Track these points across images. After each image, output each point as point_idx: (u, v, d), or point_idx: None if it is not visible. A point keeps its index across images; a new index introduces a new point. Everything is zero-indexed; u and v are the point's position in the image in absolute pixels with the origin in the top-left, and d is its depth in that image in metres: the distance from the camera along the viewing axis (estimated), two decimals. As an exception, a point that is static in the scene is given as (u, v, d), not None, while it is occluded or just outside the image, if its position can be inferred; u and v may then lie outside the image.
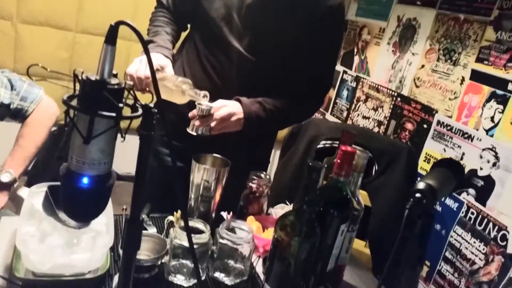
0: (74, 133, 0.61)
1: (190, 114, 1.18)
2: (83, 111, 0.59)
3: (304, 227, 0.86)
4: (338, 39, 1.49)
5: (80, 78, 0.60)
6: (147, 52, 0.61)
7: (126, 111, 0.64)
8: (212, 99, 1.19)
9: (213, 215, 1.18)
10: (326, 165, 1.11)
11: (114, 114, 0.58)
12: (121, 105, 0.59)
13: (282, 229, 0.87)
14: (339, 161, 0.91)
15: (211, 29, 1.30)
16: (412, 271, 2.07)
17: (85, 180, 0.62)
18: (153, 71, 0.61)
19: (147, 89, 1.19)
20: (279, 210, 1.29)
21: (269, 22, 1.26)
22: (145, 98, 0.65)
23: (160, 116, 0.63)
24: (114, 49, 0.60)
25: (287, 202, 1.35)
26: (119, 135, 0.63)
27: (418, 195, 0.85)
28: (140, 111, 0.63)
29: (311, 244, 0.87)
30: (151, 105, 0.64)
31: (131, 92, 0.62)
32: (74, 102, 0.61)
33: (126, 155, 0.97)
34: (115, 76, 0.62)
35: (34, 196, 1.04)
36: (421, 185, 0.87)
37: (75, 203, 0.64)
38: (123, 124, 0.62)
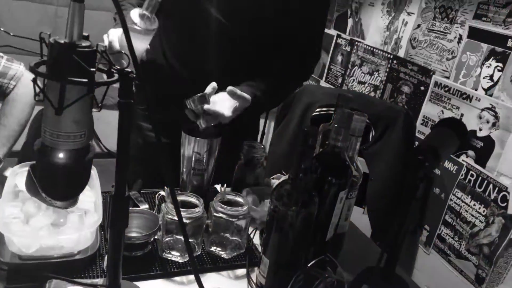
0: (46, 103, 0.56)
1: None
2: (52, 78, 0.54)
3: (301, 196, 0.82)
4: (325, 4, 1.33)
5: (47, 42, 0.54)
6: (118, 7, 0.54)
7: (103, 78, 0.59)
8: (195, 70, 1.12)
9: (207, 188, 1.14)
10: (322, 132, 1.06)
11: (86, 80, 0.53)
12: (93, 69, 0.54)
13: (278, 199, 0.82)
14: (336, 125, 0.86)
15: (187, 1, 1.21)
16: (412, 236, 2.06)
17: (60, 155, 0.57)
18: (126, 31, 0.55)
19: (122, 51, 1.09)
20: (276, 181, 1.25)
21: None
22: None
23: (140, 82, 0.58)
24: (82, 7, 0.54)
25: (284, 172, 1.30)
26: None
27: (419, 157, 0.80)
28: (116, 76, 0.57)
29: (309, 213, 0.83)
30: (129, 69, 0.58)
31: (105, 55, 0.56)
32: (43, 69, 0.55)
33: (116, 130, 0.92)
34: (86, 38, 0.56)
35: (17, 176, 0.99)
36: (422, 146, 0.82)
37: (52, 181, 0.59)
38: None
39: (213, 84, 1.10)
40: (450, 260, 1.89)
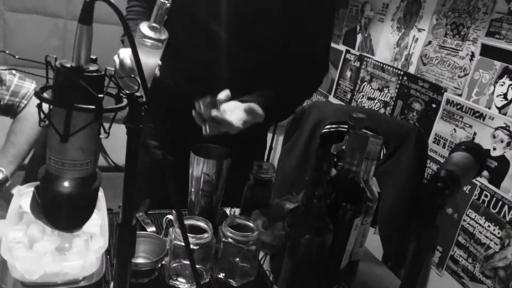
0: (50, 130, 0.53)
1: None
2: (57, 104, 0.51)
3: (315, 223, 0.78)
4: (330, 8, 1.29)
5: (53, 65, 0.52)
6: (126, 28, 0.52)
7: (111, 102, 0.56)
8: (201, 86, 1.08)
9: (216, 209, 1.10)
10: (335, 152, 1.03)
11: (93, 107, 0.50)
12: (101, 95, 0.51)
13: (291, 226, 0.79)
14: (350, 148, 0.83)
15: (190, 17, 1.18)
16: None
17: (65, 184, 0.54)
18: (136, 52, 0.52)
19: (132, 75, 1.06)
20: (286, 202, 1.21)
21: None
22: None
23: (149, 107, 0.55)
24: (90, 30, 0.51)
25: (294, 193, 1.27)
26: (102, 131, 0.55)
27: (439, 184, 0.77)
28: (125, 102, 0.54)
29: (323, 241, 0.79)
30: (138, 94, 0.56)
31: (114, 79, 0.53)
32: (48, 95, 0.53)
33: (124, 144, 0.89)
34: (94, 61, 0.54)
35: (23, 196, 0.96)
36: (442, 172, 0.78)
37: (57, 210, 0.56)
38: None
39: (227, 92, 1.07)
40: (464, 282, 1.84)
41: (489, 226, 1.74)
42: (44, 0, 2.55)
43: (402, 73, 2.23)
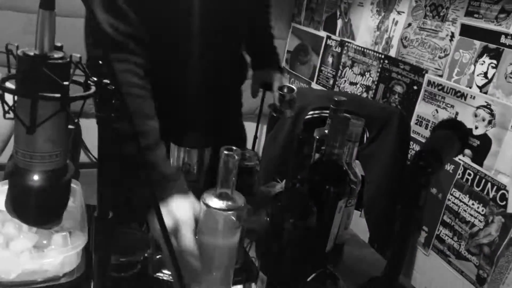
0: (16, 122, 0.51)
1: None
2: (21, 94, 0.49)
3: (298, 207, 0.77)
4: None
5: (15, 54, 0.49)
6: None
7: (79, 90, 0.54)
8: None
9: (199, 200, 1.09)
10: (317, 137, 1.01)
11: (59, 95, 0.48)
12: (67, 83, 0.49)
13: (275, 211, 0.78)
14: (332, 131, 0.82)
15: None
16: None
17: (35, 177, 0.52)
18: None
19: None
20: (270, 189, 1.20)
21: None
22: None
23: (120, 96, 0.53)
24: (53, 15, 0.49)
25: (278, 180, 1.26)
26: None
27: (421, 163, 0.76)
28: (93, 89, 0.52)
29: (307, 225, 0.78)
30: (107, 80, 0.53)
31: (80, 66, 0.51)
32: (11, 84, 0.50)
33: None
34: (60, 48, 0.51)
35: (-2, 194, 0.93)
36: (424, 151, 0.78)
37: (27, 205, 0.54)
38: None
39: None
40: (450, 261, 1.86)
41: (473, 204, 1.76)
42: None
43: (383, 56, 2.22)
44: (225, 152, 0.73)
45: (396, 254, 0.79)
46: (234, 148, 0.75)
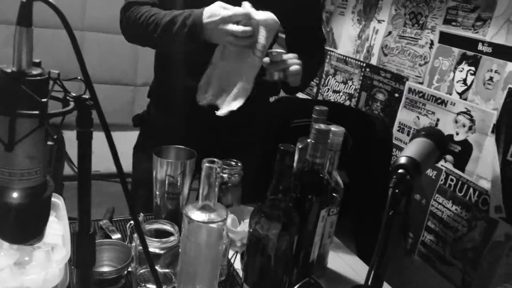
0: (-6, 139, 0.51)
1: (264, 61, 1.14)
2: (-1, 112, 0.49)
3: (281, 218, 0.78)
4: None
5: (-8, 71, 0.49)
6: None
7: (58, 106, 0.54)
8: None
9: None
10: (300, 146, 1.02)
11: (37, 112, 0.48)
12: (45, 99, 0.49)
13: (257, 222, 0.78)
14: (313, 141, 0.83)
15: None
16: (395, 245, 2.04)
17: (14, 195, 0.52)
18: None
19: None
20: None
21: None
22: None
23: (96, 107, 0.53)
24: (30, 32, 0.49)
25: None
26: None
27: (401, 170, 0.78)
28: (71, 105, 0.52)
29: (290, 235, 0.79)
30: (86, 96, 0.54)
31: (59, 82, 0.51)
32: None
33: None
34: (38, 65, 0.51)
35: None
36: (402, 159, 0.79)
37: (7, 223, 0.54)
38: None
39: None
40: (436, 266, 1.88)
41: (456, 209, 1.78)
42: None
43: (364, 65, 2.25)
44: (207, 164, 0.74)
45: (379, 261, 0.80)
46: (216, 160, 0.75)
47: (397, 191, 0.76)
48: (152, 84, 1.46)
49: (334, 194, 0.90)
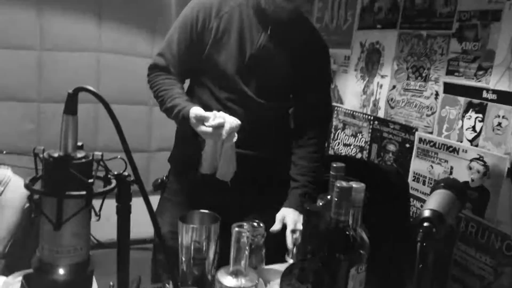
0: (42, 219, 0.54)
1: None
2: (49, 194, 0.52)
3: (311, 279, 0.79)
4: (328, 73, 1.76)
5: (41, 156, 0.53)
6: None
7: (98, 185, 0.57)
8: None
9: (210, 277, 1.09)
10: (321, 203, 1.04)
11: (84, 193, 0.51)
12: (91, 180, 0.52)
13: (289, 284, 0.79)
14: (336, 199, 0.85)
15: (222, 76, 1.42)
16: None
17: (61, 271, 0.54)
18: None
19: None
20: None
21: (270, 67, 1.43)
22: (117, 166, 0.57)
23: (138, 184, 0.56)
24: (75, 119, 0.53)
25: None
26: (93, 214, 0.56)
27: (426, 224, 0.79)
28: (114, 183, 0.56)
29: (322, 296, 0.79)
30: (126, 173, 0.57)
31: (102, 162, 0.55)
32: (38, 185, 0.54)
33: (105, 220, 0.88)
34: (81, 148, 0.55)
35: (10, 288, 0.93)
36: (426, 212, 0.81)
37: (53, 299, 0.55)
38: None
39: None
40: (466, 318, 1.82)
41: (480, 256, 1.75)
42: (13, 87, 2.58)
43: (372, 118, 2.31)
44: (236, 229, 0.76)
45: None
46: (244, 223, 0.77)
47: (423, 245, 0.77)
48: (173, 150, 1.53)
49: (361, 251, 0.91)
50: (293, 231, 1.24)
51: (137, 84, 2.47)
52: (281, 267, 1.23)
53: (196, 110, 1.27)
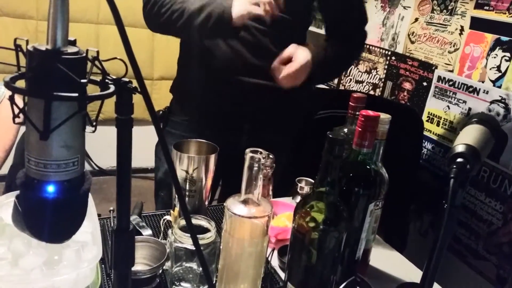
0: (28, 127, 0.45)
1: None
2: (34, 94, 0.43)
3: (329, 213, 0.72)
4: None
5: (25, 50, 0.44)
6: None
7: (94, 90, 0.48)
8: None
9: (206, 208, 1.02)
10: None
11: (76, 95, 0.42)
12: (85, 80, 0.43)
13: (303, 217, 0.72)
14: (360, 129, 0.76)
15: None
16: (424, 239, 1.97)
17: (50, 189, 0.46)
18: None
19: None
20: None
21: None
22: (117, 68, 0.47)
23: (141, 93, 0.47)
24: (66, 3, 0.43)
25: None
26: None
27: (460, 159, 0.71)
28: (112, 88, 0.47)
29: (339, 232, 0.73)
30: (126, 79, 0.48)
31: (98, 62, 0.45)
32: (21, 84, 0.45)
33: (107, 146, 0.81)
34: (73, 43, 0.46)
35: (3, 208, 0.87)
36: (461, 147, 0.72)
37: (41, 220, 0.48)
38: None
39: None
40: (468, 261, 1.80)
41: (490, 201, 1.70)
42: (13, 2, 2.44)
43: (389, 53, 2.17)
44: (250, 154, 0.68)
45: (435, 259, 0.73)
46: (259, 150, 0.69)
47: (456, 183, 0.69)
48: (174, 80, 1.42)
49: (381, 187, 0.84)
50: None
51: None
52: (287, 200, 1.18)
53: None
